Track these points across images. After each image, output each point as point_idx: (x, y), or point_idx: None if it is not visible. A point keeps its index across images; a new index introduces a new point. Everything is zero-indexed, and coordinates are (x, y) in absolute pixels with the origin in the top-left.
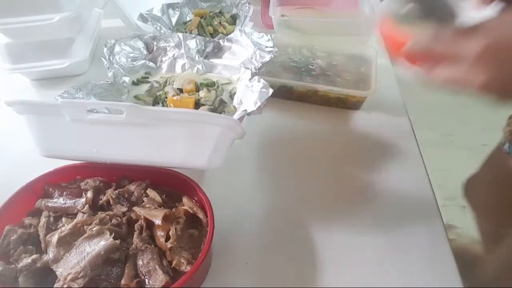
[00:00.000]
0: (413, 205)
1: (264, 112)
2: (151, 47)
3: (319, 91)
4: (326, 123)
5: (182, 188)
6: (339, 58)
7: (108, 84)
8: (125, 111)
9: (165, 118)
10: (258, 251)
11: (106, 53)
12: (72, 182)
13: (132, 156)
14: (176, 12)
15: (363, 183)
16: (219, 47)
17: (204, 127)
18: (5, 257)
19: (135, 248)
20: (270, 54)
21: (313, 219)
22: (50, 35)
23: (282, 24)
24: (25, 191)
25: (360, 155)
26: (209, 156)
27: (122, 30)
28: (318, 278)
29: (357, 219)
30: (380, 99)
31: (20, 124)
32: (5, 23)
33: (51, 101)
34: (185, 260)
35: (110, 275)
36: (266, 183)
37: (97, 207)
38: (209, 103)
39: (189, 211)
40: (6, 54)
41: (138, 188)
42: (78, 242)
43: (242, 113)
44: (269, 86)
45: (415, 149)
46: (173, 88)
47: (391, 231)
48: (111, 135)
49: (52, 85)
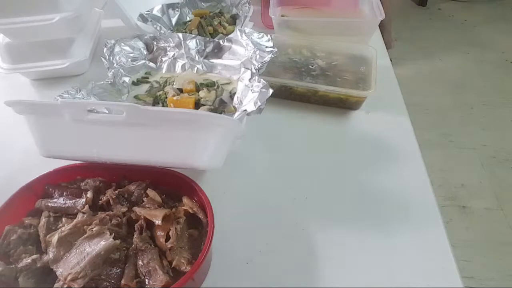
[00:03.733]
0: (413, 205)
1: (264, 112)
2: (151, 47)
3: (319, 91)
4: (326, 123)
5: (182, 188)
6: (339, 58)
7: (108, 84)
8: (125, 111)
9: (165, 118)
10: (258, 251)
11: (106, 53)
12: (72, 182)
13: (132, 156)
14: (176, 12)
15: (363, 183)
16: (219, 47)
17: (204, 127)
18: (5, 257)
19: (135, 248)
20: (270, 54)
21: (313, 219)
22: (50, 35)
23: (282, 24)
24: (25, 191)
25: (360, 155)
26: (209, 156)
27: (122, 30)
28: (318, 278)
29: (357, 219)
30: (380, 99)
31: (20, 124)
32: (5, 23)
33: (51, 101)
34: (185, 260)
35: (110, 275)
36: (266, 183)
37: (97, 207)
38: (209, 103)
39: (189, 211)
40: (6, 54)
41: (138, 188)
42: (78, 242)
43: (242, 113)
44: (269, 86)
45: (415, 149)
46: (173, 88)
47: (391, 231)
48: (111, 135)
49: (52, 85)
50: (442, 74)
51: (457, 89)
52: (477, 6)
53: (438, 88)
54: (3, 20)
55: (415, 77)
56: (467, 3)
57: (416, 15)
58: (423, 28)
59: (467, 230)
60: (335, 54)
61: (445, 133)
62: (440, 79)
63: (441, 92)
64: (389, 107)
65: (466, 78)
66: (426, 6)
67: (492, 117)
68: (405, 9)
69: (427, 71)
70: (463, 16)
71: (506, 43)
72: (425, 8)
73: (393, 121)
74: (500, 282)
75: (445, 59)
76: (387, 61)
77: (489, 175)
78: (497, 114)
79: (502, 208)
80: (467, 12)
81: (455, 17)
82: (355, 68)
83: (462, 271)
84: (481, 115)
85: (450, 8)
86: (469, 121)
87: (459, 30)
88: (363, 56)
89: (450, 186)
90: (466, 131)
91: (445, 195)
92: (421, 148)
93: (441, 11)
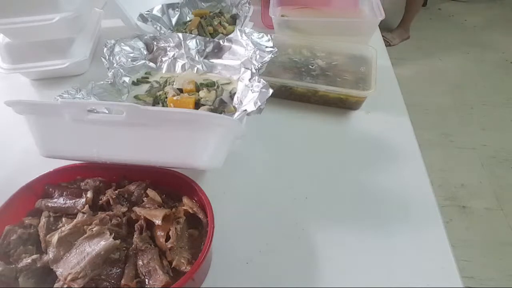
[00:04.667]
0: (413, 205)
1: (264, 112)
2: (151, 47)
3: (319, 91)
4: (326, 123)
5: (182, 188)
6: (339, 58)
7: (108, 84)
8: (125, 111)
9: (165, 118)
10: (258, 251)
11: (106, 53)
12: (72, 182)
13: (132, 156)
14: (176, 12)
15: (363, 183)
16: (219, 47)
17: (204, 127)
18: (5, 257)
19: (135, 248)
20: (270, 54)
21: (313, 219)
22: (50, 35)
23: (282, 24)
24: (25, 191)
25: (360, 155)
26: (209, 156)
27: (122, 30)
28: (318, 278)
29: (357, 219)
30: (380, 99)
31: (20, 124)
32: (5, 23)
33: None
34: (185, 260)
35: (110, 275)
36: (266, 183)
37: (97, 207)
38: (209, 103)
39: (189, 211)
40: (6, 54)
41: (138, 188)
42: (78, 242)
43: (242, 113)
44: (269, 86)
45: (415, 149)
46: (173, 88)
47: (391, 231)
48: (111, 135)
49: (52, 85)
50: (442, 74)
51: (457, 89)
52: (477, 6)
53: (438, 88)
54: (3, 20)
55: (415, 77)
56: (467, 3)
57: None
58: (423, 28)
59: (467, 230)
60: (335, 54)
61: (445, 133)
62: (440, 79)
63: (441, 92)
64: (389, 107)
65: (466, 78)
66: (426, 6)
67: (492, 117)
68: None
69: (427, 71)
70: (463, 16)
71: (506, 43)
72: (425, 8)
73: (393, 121)
74: (500, 282)
75: (445, 59)
76: (387, 61)
77: (489, 175)
78: (497, 114)
79: (502, 208)
80: (467, 12)
81: (455, 17)
82: (355, 68)
83: (462, 271)
84: (481, 115)
85: (450, 8)
86: (469, 121)
87: (459, 30)
88: (363, 56)
89: (450, 186)
90: (466, 131)
91: (445, 195)
92: (421, 148)
93: (441, 11)
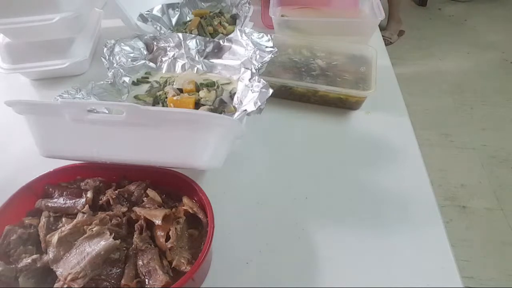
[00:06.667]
0: (413, 205)
1: (264, 112)
2: (151, 47)
3: (319, 91)
4: (326, 123)
5: (182, 188)
6: (339, 58)
7: (108, 84)
8: (125, 111)
9: (165, 118)
10: (258, 251)
11: (106, 53)
12: (72, 182)
13: (132, 156)
14: (176, 12)
15: (363, 183)
16: (219, 47)
17: (204, 127)
18: (5, 257)
19: (135, 248)
20: (270, 54)
21: (313, 219)
22: (50, 35)
23: (282, 24)
24: (25, 191)
25: (360, 155)
26: (209, 156)
27: (122, 30)
28: (318, 278)
29: (357, 219)
30: (380, 99)
31: (20, 124)
32: (5, 23)
33: (51, 101)
34: (185, 260)
35: (110, 275)
36: (266, 183)
37: (97, 207)
38: (209, 103)
39: (189, 211)
40: (6, 54)
41: (138, 188)
42: (78, 242)
43: (242, 113)
44: (269, 86)
45: (415, 149)
46: (173, 88)
47: (391, 231)
48: (111, 135)
49: (52, 85)
50: (442, 74)
51: (457, 89)
52: (477, 6)
53: (438, 88)
54: (3, 20)
55: (415, 77)
56: (467, 3)
57: (416, 15)
58: (423, 28)
59: (467, 230)
60: (335, 54)
61: (445, 133)
62: (440, 79)
63: (441, 92)
64: (389, 107)
65: (466, 78)
66: (426, 6)
67: (492, 117)
68: (405, 9)
69: (427, 71)
70: (463, 16)
71: (506, 43)
72: (425, 8)
73: (393, 121)
74: (500, 282)
75: (445, 59)
76: (387, 61)
77: (489, 175)
78: (497, 114)
79: (502, 208)
80: (467, 12)
81: (455, 17)
82: (355, 68)
83: (462, 271)
84: (481, 115)
85: (450, 8)
86: (469, 121)
87: (459, 30)
88: (363, 56)
89: (450, 186)
90: (466, 131)
91: (445, 195)
92: (421, 148)
93: (441, 11)
